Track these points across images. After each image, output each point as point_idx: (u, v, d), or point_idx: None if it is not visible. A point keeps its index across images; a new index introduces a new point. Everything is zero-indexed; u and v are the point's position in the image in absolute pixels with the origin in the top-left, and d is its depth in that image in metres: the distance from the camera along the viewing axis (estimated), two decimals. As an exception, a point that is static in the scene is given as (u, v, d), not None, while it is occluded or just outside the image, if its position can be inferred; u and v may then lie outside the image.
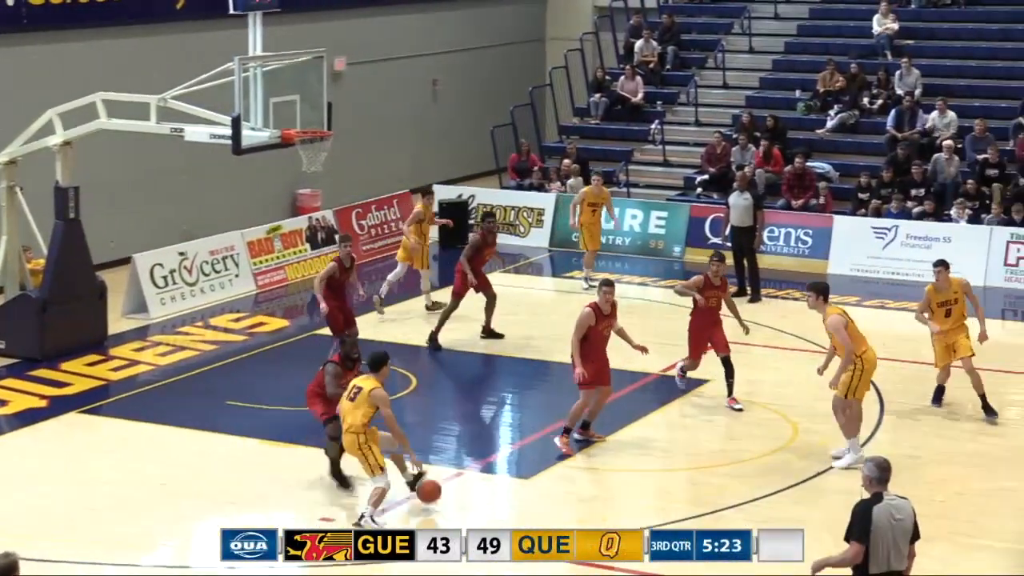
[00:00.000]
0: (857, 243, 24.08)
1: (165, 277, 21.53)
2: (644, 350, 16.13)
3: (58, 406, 17.25)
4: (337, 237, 18.96)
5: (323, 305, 18.15)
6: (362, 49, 28.74)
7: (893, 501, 9.97)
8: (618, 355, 16.04)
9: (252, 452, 15.76)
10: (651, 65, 30.04)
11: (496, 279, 21.87)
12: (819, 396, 17.43)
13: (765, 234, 23.12)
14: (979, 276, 22.81)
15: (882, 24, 29.01)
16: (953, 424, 16.71)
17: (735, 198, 22.10)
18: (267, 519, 13.57)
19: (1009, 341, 20.90)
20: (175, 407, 17.26)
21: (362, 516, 13.36)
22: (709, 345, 17.16)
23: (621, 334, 15.96)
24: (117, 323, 20.50)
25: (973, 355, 16.73)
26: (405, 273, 21.34)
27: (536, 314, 21.53)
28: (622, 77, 29.65)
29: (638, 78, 29.48)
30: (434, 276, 22.15)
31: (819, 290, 15.42)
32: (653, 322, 21.32)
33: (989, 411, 16.70)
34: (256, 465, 15.34)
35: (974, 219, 24.02)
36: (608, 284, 15.58)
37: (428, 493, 13.94)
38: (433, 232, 22.52)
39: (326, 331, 19.05)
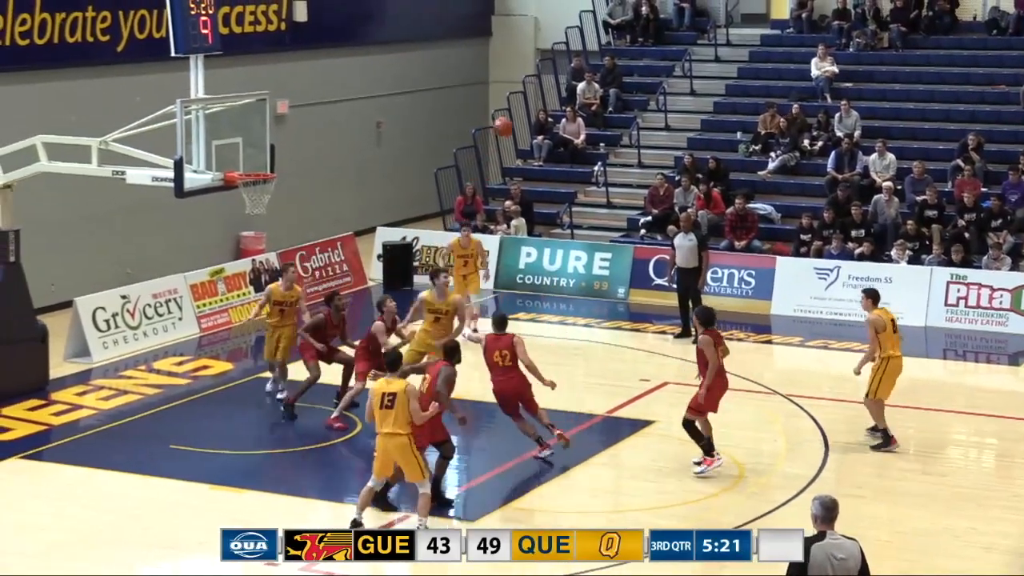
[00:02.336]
0: (800, 284, 24.24)
1: (107, 321, 21.36)
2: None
3: (-2, 452, 17.09)
4: (326, 297, 19.09)
5: (304, 355, 18.29)
6: (305, 92, 28.75)
7: (836, 540, 9.92)
8: (567, 397, 16.01)
9: (197, 496, 15.64)
10: (593, 107, 30.21)
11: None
12: (763, 437, 17.57)
13: (709, 275, 23.27)
14: (919, 316, 23.07)
15: (820, 67, 29.33)
16: (896, 463, 16.81)
17: (680, 239, 22.23)
18: (212, 565, 13.43)
19: (950, 380, 21.13)
20: (118, 452, 17.10)
21: (419, 527, 13.83)
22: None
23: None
24: (59, 367, 20.30)
25: (866, 396, 17.08)
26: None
27: (480, 356, 21.47)
28: (563, 119, 29.79)
29: (579, 120, 29.62)
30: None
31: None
32: (598, 364, 21.43)
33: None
34: (201, 509, 15.21)
35: (914, 260, 24.25)
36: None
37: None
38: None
39: (270, 374, 19.12)
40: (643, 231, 26.72)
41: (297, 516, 14.99)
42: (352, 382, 17.95)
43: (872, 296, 17.21)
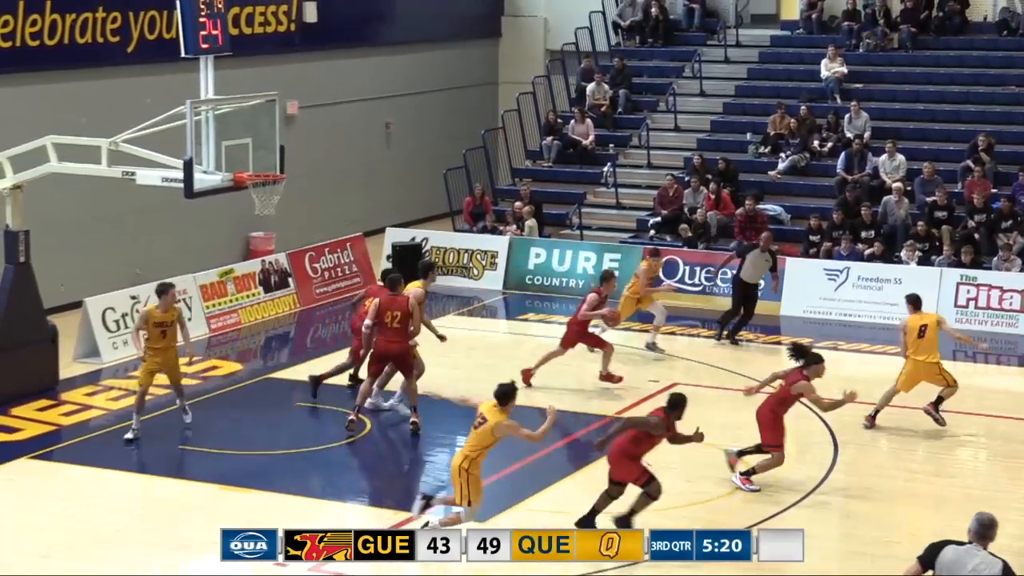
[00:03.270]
0: (809, 285, 24.22)
1: (117, 321, 21.38)
2: None
3: (8, 452, 17.06)
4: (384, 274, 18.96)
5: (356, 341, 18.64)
6: (315, 92, 28.77)
7: (978, 551, 9.62)
8: (576, 398, 16.02)
9: (206, 497, 15.64)
10: (603, 108, 30.20)
11: (450, 321, 21.93)
12: (773, 438, 17.49)
13: (719, 276, 23.48)
14: (930, 317, 22.99)
15: (830, 68, 29.31)
16: (906, 465, 16.82)
17: (756, 257, 22.01)
18: (219, 565, 13.43)
19: (960, 382, 20.97)
20: (127, 452, 17.11)
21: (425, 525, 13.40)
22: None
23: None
24: (68, 367, 20.32)
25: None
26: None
27: (491, 357, 21.52)
28: (573, 120, 29.77)
29: (588, 120, 29.61)
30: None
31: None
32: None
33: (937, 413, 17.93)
34: (209, 510, 15.21)
35: (924, 261, 24.22)
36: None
37: None
38: None
39: (279, 375, 19.06)
40: (652, 232, 26.70)
41: (305, 517, 14.97)
42: None
43: (912, 301, 18.05)
